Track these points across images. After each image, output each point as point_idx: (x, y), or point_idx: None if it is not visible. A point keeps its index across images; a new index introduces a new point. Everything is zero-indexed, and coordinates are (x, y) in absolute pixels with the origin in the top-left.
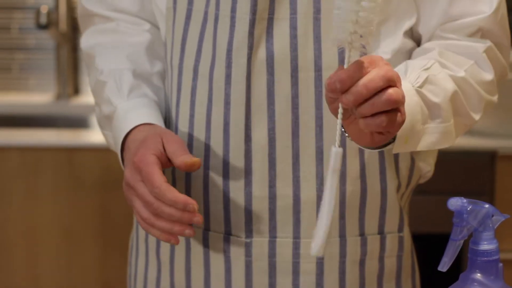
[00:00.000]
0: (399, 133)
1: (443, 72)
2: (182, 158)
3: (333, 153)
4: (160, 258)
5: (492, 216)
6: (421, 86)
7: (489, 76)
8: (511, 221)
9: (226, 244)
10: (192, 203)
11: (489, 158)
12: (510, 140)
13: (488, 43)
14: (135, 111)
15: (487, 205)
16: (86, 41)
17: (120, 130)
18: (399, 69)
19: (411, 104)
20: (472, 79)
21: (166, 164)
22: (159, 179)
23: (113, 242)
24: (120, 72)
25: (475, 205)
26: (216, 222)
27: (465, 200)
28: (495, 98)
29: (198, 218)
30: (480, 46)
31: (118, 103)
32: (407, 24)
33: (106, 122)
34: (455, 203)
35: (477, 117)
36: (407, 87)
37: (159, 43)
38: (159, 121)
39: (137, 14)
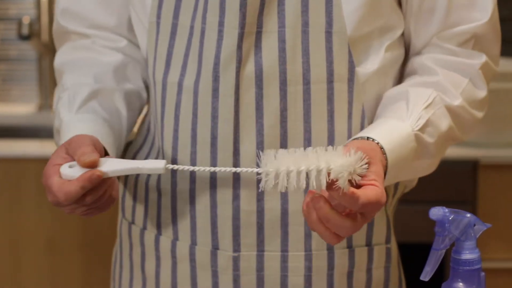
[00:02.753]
0: (385, 183)
1: (442, 108)
2: (82, 158)
3: None
4: (145, 273)
5: (474, 225)
6: (421, 130)
7: (482, 93)
8: (493, 230)
9: (213, 259)
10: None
11: (471, 167)
12: (492, 149)
13: (484, 58)
14: (77, 125)
15: (468, 215)
16: (59, 58)
17: (60, 142)
18: (401, 99)
19: (407, 150)
20: (467, 102)
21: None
22: (56, 189)
23: (97, 253)
24: (78, 87)
25: (457, 215)
26: (203, 236)
27: (446, 210)
28: (483, 113)
29: (98, 173)
30: (476, 63)
31: (64, 116)
32: (394, 35)
33: (56, 136)
34: (437, 212)
35: (466, 137)
36: (407, 132)
37: (134, 64)
38: (96, 135)
39: (114, 29)
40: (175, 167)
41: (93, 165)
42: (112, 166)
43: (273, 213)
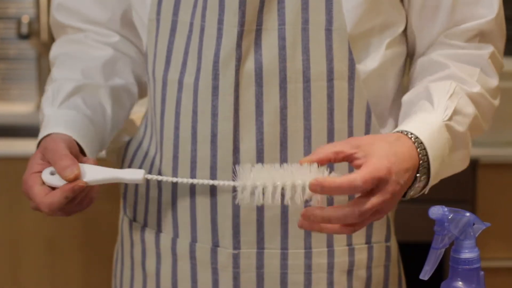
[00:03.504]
0: (431, 179)
1: (464, 97)
2: (64, 174)
3: None
4: (146, 271)
5: (473, 224)
6: (450, 119)
7: (494, 81)
8: (493, 230)
9: (214, 256)
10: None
11: (471, 166)
12: (491, 148)
13: (491, 48)
14: (57, 120)
15: (468, 214)
16: (53, 50)
17: (38, 138)
18: (422, 98)
19: (442, 142)
20: (484, 89)
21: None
22: (39, 201)
23: (97, 252)
24: (63, 82)
25: (456, 214)
26: (203, 234)
27: (446, 209)
28: (498, 101)
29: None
30: (485, 53)
31: (47, 110)
32: (394, 34)
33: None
34: (436, 211)
35: (487, 127)
36: (438, 124)
37: (124, 59)
38: (73, 133)
39: (107, 25)
40: (154, 177)
41: (75, 179)
42: (93, 175)
43: (273, 211)
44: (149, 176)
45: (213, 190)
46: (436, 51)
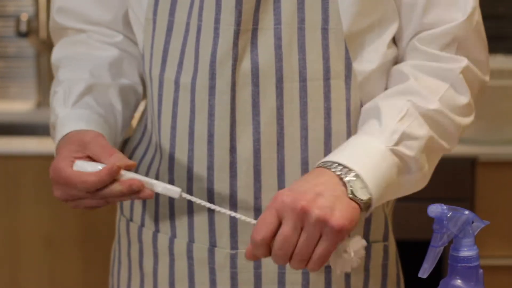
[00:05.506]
0: (375, 200)
1: (417, 118)
2: (113, 160)
3: None
4: (143, 270)
5: (472, 222)
6: (397, 144)
7: (464, 99)
8: (492, 228)
9: (211, 256)
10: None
11: (470, 164)
12: (490, 146)
13: (465, 62)
14: (73, 120)
15: (467, 212)
16: (56, 53)
17: (56, 137)
18: (372, 116)
19: (386, 167)
20: (447, 107)
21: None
22: (76, 178)
23: (95, 250)
24: (73, 82)
25: (455, 212)
26: (201, 233)
27: (445, 207)
28: (471, 118)
29: (146, 194)
30: (456, 67)
31: (60, 111)
32: (390, 32)
33: (52, 131)
34: (435, 209)
35: (453, 146)
36: (381, 149)
37: (129, 59)
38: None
39: (109, 25)
40: (191, 198)
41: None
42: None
43: None
44: (186, 196)
45: (210, 190)
46: (409, 59)
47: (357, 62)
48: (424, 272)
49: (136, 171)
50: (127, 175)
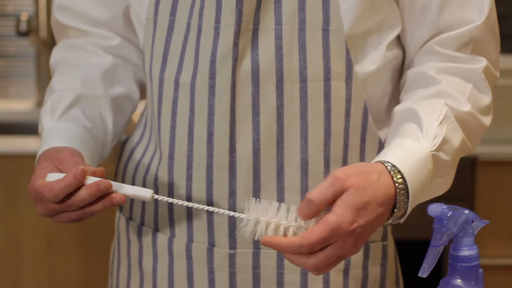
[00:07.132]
0: (409, 210)
1: (453, 122)
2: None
3: None
4: (143, 269)
5: (472, 222)
6: (438, 149)
7: (487, 99)
8: (491, 227)
9: (210, 256)
10: (102, 183)
11: (470, 164)
12: (490, 146)
13: (484, 61)
14: (54, 136)
15: (467, 211)
16: (54, 56)
17: (38, 151)
18: (411, 119)
19: (426, 173)
20: (475, 108)
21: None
22: (49, 191)
23: (95, 249)
24: (63, 94)
25: (455, 211)
26: (200, 233)
27: (445, 206)
28: (491, 117)
29: (118, 199)
30: (478, 67)
31: (46, 123)
32: (392, 35)
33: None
34: (435, 209)
35: (476, 147)
36: (425, 153)
37: (125, 66)
38: (73, 145)
39: (109, 23)
40: (163, 198)
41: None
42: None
43: None
44: (158, 197)
45: (209, 190)
46: (428, 62)
47: (357, 63)
48: (424, 271)
49: (136, 171)
50: (94, 180)
